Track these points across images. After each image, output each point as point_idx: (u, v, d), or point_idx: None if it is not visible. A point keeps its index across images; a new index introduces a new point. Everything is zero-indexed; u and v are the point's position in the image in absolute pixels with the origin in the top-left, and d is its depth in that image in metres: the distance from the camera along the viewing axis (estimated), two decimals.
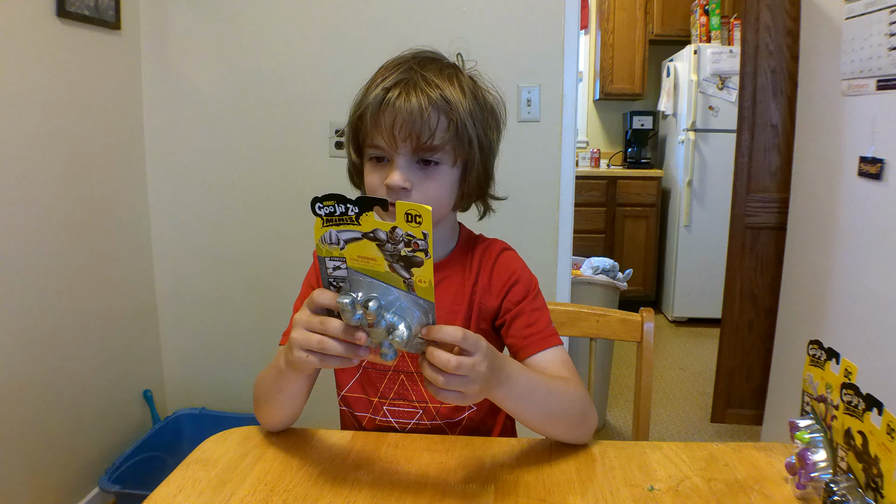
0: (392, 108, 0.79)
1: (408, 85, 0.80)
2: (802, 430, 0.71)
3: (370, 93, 0.81)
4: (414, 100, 0.79)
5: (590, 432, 0.83)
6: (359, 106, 0.83)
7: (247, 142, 2.04)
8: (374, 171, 0.83)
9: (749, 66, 2.27)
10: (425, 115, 0.79)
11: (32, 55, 1.56)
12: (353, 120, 0.85)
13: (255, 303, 2.12)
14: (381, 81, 0.81)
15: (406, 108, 0.78)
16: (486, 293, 0.91)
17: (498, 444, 0.83)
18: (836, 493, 0.63)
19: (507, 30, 1.92)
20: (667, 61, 3.99)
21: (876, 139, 1.58)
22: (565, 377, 0.85)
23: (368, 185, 0.84)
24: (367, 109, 0.80)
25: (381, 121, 0.79)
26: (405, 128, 0.79)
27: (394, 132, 0.79)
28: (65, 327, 1.71)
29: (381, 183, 0.81)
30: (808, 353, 0.76)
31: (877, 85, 1.56)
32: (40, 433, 1.63)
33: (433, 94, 0.80)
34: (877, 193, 1.57)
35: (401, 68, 0.82)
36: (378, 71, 0.85)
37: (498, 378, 0.70)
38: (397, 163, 0.81)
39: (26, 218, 1.58)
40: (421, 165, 0.82)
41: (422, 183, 0.82)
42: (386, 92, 0.79)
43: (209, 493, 0.72)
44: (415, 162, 0.81)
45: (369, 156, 0.84)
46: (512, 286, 0.91)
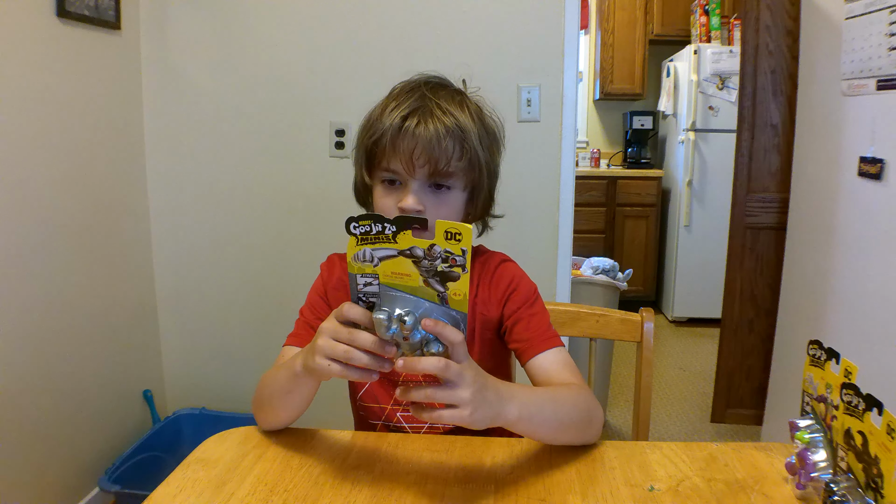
0: (411, 136, 0.81)
1: (424, 113, 0.83)
2: (802, 430, 0.71)
3: (385, 118, 0.84)
4: (432, 128, 0.82)
5: (598, 432, 0.83)
6: (372, 129, 0.85)
7: (247, 142, 2.04)
8: (387, 194, 0.86)
9: (749, 66, 2.27)
10: (443, 143, 0.82)
11: (32, 55, 1.56)
12: (366, 142, 0.86)
13: (255, 303, 2.12)
14: (395, 107, 0.84)
15: (425, 136, 0.81)
16: (486, 304, 0.94)
17: (498, 444, 0.83)
18: (836, 493, 0.63)
19: (507, 30, 1.92)
20: (667, 61, 3.99)
21: (876, 139, 1.58)
22: (568, 382, 0.85)
23: (381, 207, 0.86)
24: (385, 135, 0.83)
25: (400, 147, 0.82)
26: (423, 155, 0.82)
27: (412, 159, 0.82)
28: (65, 327, 1.71)
29: (393, 205, 0.84)
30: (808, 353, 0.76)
31: (877, 85, 1.56)
32: (40, 433, 1.63)
33: (448, 122, 0.83)
34: (877, 193, 1.57)
35: (414, 94, 0.85)
36: (390, 95, 0.88)
37: (500, 398, 0.70)
38: (412, 187, 0.83)
39: (26, 218, 1.58)
40: (433, 189, 0.85)
41: (434, 206, 0.84)
42: (404, 119, 0.82)
43: (209, 493, 0.72)
44: (427, 186, 0.84)
45: (382, 178, 0.86)
46: (510, 294, 0.94)
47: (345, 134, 2.00)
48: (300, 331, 0.95)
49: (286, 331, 0.97)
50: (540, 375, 0.89)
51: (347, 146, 2.00)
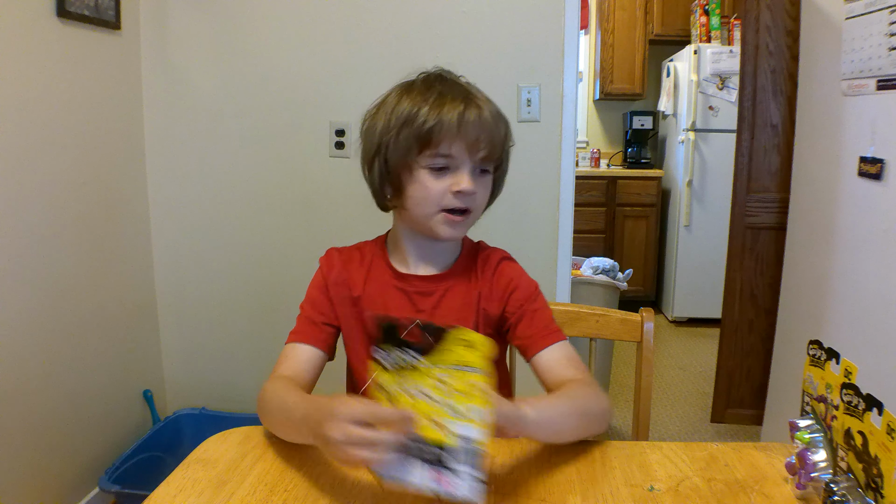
0: (475, 122, 0.86)
1: (472, 99, 0.87)
2: (802, 430, 0.71)
3: (432, 106, 0.86)
4: (487, 113, 0.87)
5: (608, 420, 0.87)
6: (421, 118, 0.86)
7: (247, 142, 2.04)
8: (436, 179, 0.88)
9: (749, 66, 2.27)
10: (499, 127, 0.89)
11: (32, 55, 1.56)
12: (416, 131, 0.86)
13: (255, 302, 2.12)
14: (437, 96, 0.87)
15: (487, 122, 0.87)
16: (488, 301, 0.96)
17: (498, 444, 0.83)
18: (836, 493, 0.63)
19: (507, 30, 1.92)
20: (667, 61, 3.99)
21: (876, 139, 1.58)
22: (575, 378, 0.87)
23: (429, 194, 0.88)
24: (443, 121, 0.85)
25: (463, 132, 0.85)
26: (485, 139, 0.87)
27: (475, 143, 0.86)
28: (65, 327, 1.71)
29: (445, 189, 0.87)
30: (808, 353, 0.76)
31: (877, 85, 1.56)
32: (40, 433, 1.63)
33: (494, 108, 0.89)
34: (877, 193, 1.57)
35: (445, 84, 0.89)
36: (408, 92, 0.90)
37: (524, 422, 0.72)
38: (466, 170, 0.87)
39: (26, 218, 1.58)
40: (480, 174, 0.90)
41: (479, 189, 0.89)
42: (463, 105, 0.86)
43: (209, 493, 0.72)
44: (475, 168, 0.89)
45: (434, 165, 0.87)
46: (511, 293, 0.96)
47: (345, 134, 2.00)
48: (303, 327, 0.96)
49: (286, 330, 0.97)
50: (545, 371, 0.90)
51: (347, 146, 2.00)
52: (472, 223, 0.93)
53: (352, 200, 2.03)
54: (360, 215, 2.07)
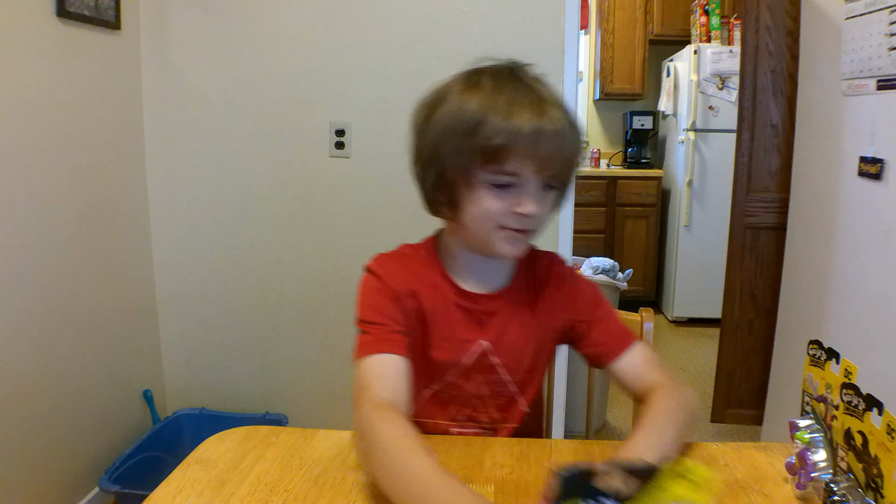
0: (548, 137, 0.76)
1: (545, 108, 0.77)
2: (802, 430, 0.71)
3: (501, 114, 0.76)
4: (562, 125, 0.77)
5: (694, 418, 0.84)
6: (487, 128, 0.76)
7: (247, 142, 2.04)
8: (496, 198, 0.79)
9: (749, 66, 2.27)
10: (572, 143, 0.79)
11: (32, 55, 1.56)
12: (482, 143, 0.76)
13: (255, 302, 2.12)
14: (507, 102, 0.77)
15: (562, 138, 0.77)
16: (552, 313, 0.92)
17: (498, 444, 0.83)
18: (836, 493, 0.63)
19: (507, 30, 1.92)
20: (667, 61, 3.99)
21: (876, 139, 1.58)
22: (662, 384, 0.85)
23: (488, 212, 0.80)
24: (514, 136, 0.75)
25: (534, 149, 0.76)
26: (559, 157, 0.78)
27: (546, 161, 0.77)
28: (65, 327, 1.71)
29: (507, 209, 0.79)
30: (808, 353, 0.76)
31: (877, 85, 1.56)
32: (40, 433, 1.63)
33: (569, 118, 0.79)
34: (877, 193, 1.57)
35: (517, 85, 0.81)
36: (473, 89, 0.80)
37: None
38: (531, 189, 0.79)
39: (26, 218, 1.58)
40: (545, 190, 0.81)
41: (541, 206, 0.81)
42: (534, 117, 0.76)
43: (209, 493, 0.72)
44: (540, 186, 0.80)
45: (496, 182, 0.79)
46: (573, 300, 0.92)
47: (345, 134, 2.00)
48: (380, 337, 0.82)
49: (286, 330, 0.97)
50: (629, 378, 0.89)
51: (347, 146, 2.00)
52: (533, 238, 0.85)
53: (352, 200, 2.04)
54: (360, 215, 2.07)
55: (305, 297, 2.09)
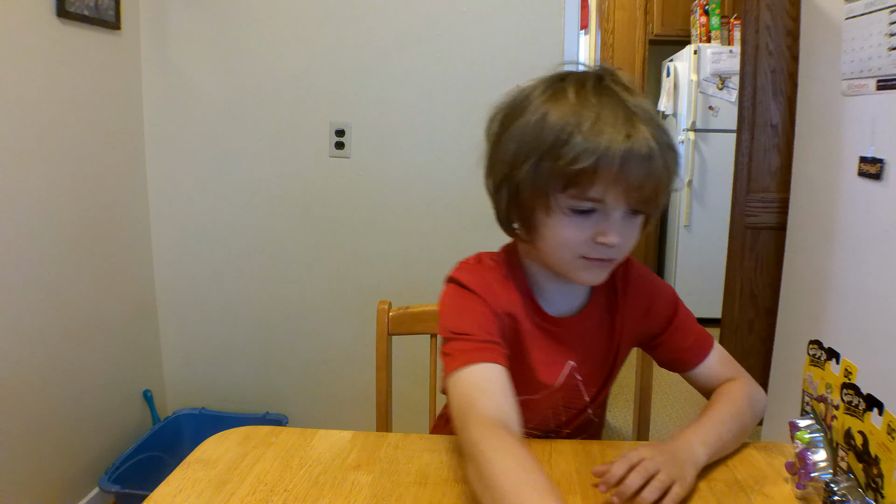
0: (640, 162, 0.68)
1: (636, 128, 0.68)
2: (802, 430, 0.71)
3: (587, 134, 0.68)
4: (656, 146, 0.69)
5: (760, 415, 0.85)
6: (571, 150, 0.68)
7: (247, 142, 2.04)
8: (576, 225, 0.72)
9: (749, 66, 2.27)
10: (670, 164, 0.71)
11: (32, 55, 1.56)
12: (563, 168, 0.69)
13: (255, 302, 2.12)
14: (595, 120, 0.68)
15: (654, 162, 0.69)
16: (631, 321, 0.89)
17: None
18: (836, 493, 0.63)
19: (507, 30, 1.92)
20: (667, 61, 3.99)
21: (876, 139, 1.58)
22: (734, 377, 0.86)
23: (567, 241, 0.73)
24: (601, 159, 0.67)
25: (623, 177, 0.68)
26: (650, 183, 0.70)
27: (638, 189, 0.70)
28: (65, 327, 1.71)
29: (587, 238, 0.73)
30: (808, 353, 0.76)
31: (877, 85, 1.56)
32: (40, 433, 1.63)
33: (664, 139, 0.71)
34: (877, 193, 1.57)
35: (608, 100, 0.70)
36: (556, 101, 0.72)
37: (689, 452, 0.72)
38: (616, 217, 0.72)
39: (26, 218, 1.58)
40: (630, 216, 0.74)
41: (627, 234, 0.74)
42: (624, 139, 0.67)
43: (209, 493, 0.72)
44: (625, 212, 0.73)
45: (578, 208, 0.72)
46: (651, 305, 0.89)
47: (345, 134, 2.00)
48: (486, 346, 0.75)
49: (286, 330, 0.97)
50: (705, 383, 0.89)
51: (347, 146, 2.00)
52: (616, 265, 0.79)
53: (352, 200, 2.04)
54: (359, 215, 2.07)
55: (305, 297, 2.09)
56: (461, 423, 0.69)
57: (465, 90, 1.93)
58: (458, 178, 1.97)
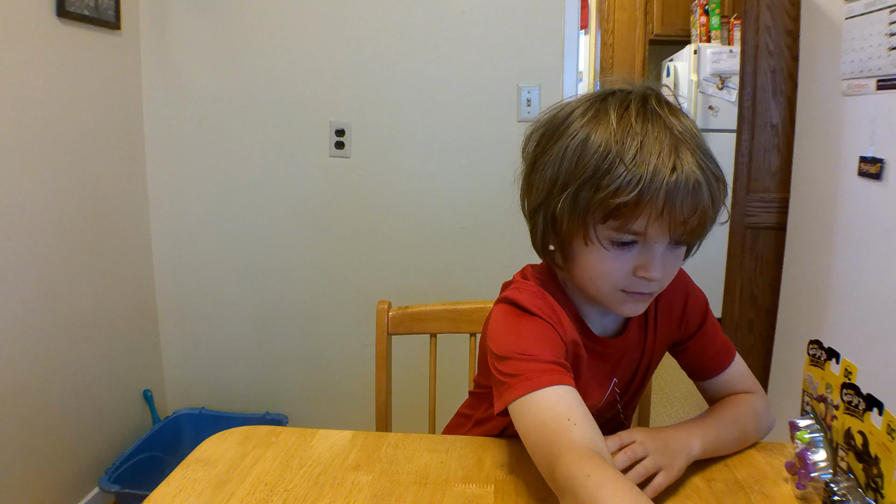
0: (685, 194, 0.64)
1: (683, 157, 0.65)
2: (802, 430, 0.71)
3: (631, 162, 0.64)
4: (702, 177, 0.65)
5: (765, 433, 0.84)
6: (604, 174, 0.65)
7: (247, 142, 2.04)
8: (617, 259, 0.69)
9: (749, 66, 2.27)
10: (718, 195, 0.67)
11: (32, 55, 1.56)
12: (605, 200, 0.65)
13: (255, 302, 2.12)
14: (639, 148, 0.64)
15: (701, 194, 0.65)
16: (662, 332, 0.87)
17: (498, 444, 0.83)
18: (836, 493, 0.63)
19: (507, 30, 1.92)
20: (667, 61, 3.99)
21: (876, 139, 1.58)
22: (746, 390, 0.86)
23: (606, 274, 0.70)
24: (643, 192, 0.63)
25: (667, 210, 0.64)
26: (696, 217, 0.66)
27: (683, 222, 0.66)
28: (65, 327, 1.71)
29: (627, 271, 0.69)
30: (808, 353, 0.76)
31: (877, 85, 1.56)
32: (40, 433, 1.63)
33: (710, 164, 0.67)
34: (877, 193, 1.57)
35: (654, 125, 0.66)
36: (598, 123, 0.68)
37: (685, 442, 0.73)
38: (658, 250, 0.68)
39: (26, 218, 1.57)
40: (672, 247, 0.70)
41: (668, 267, 0.71)
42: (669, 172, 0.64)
43: (209, 493, 0.72)
44: (666, 246, 0.70)
45: (618, 240, 0.68)
46: (683, 314, 0.88)
47: (345, 134, 2.00)
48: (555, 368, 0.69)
49: (286, 330, 0.97)
50: (718, 394, 0.88)
51: (347, 146, 2.00)
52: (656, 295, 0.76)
53: (352, 200, 2.04)
54: (359, 215, 2.07)
55: (305, 297, 2.09)
56: (548, 453, 0.63)
57: (465, 90, 1.93)
58: (459, 177, 1.98)
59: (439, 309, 1.14)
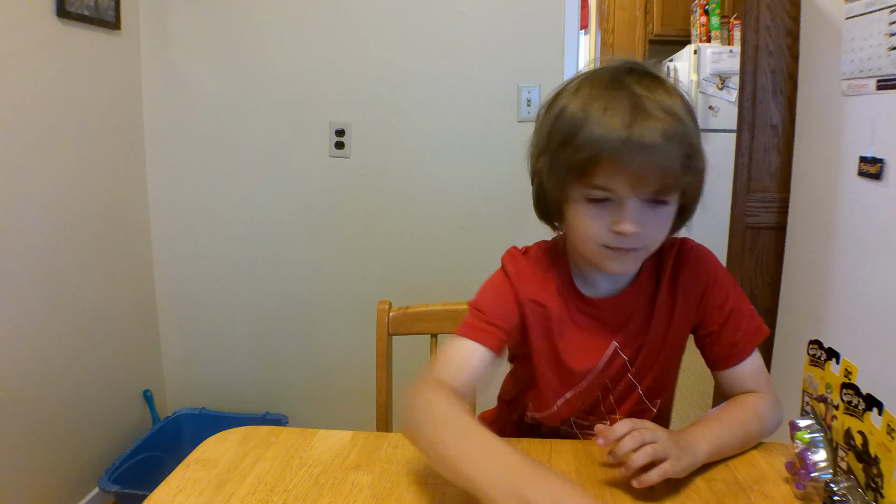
0: (638, 149, 0.69)
1: (644, 116, 0.70)
2: (802, 430, 0.71)
3: (596, 124, 0.70)
4: (657, 136, 0.69)
5: (769, 435, 0.85)
6: (579, 140, 0.71)
7: (247, 142, 2.04)
8: (594, 216, 0.75)
9: (749, 66, 2.27)
10: (671, 154, 0.71)
11: (32, 55, 1.56)
12: (572, 158, 0.73)
13: (255, 302, 2.12)
14: (604, 109, 0.71)
15: (652, 149, 0.69)
16: (678, 306, 0.86)
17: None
18: (836, 493, 0.63)
19: (507, 30, 1.92)
20: (667, 61, 3.99)
21: (876, 139, 1.58)
22: (756, 390, 0.86)
23: (587, 231, 0.76)
24: (602, 149, 0.70)
25: (623, 162, 0.70)
26: (651, 172, 0.71)
27: (638, 176, 0.71)
28: (65, 327, 1.71)
29: (605, 228, 0.75)
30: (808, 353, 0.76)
31: (877, 85, 1.56)
32: (40, 433, 1.63)
33: (671, 125, 0.71)
34: (877, 193, 1.57)
35: (621, 90, 0.72)
36: (581, 91, 0.75)
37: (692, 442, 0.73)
38: (630, 207, 0.73)
39: (26, 218, 1.58)
40: (650, 205, 0.75)
41: (649, 224, 0.75)
42: (625, 127, 0.69)
43: (209, 493, 0.72)
44: (644, 202, 0.74)
45: (590, 196, 0.74)
46: (708, 291, 0.86)
47: (345, 134, 2.00)
48: (477, 324, 0.82)
49: (286, 330, 0.97)
50: (730, 389, 0.88)
51: (347, 146, 2.00)
52: (647, 254, 0.80)
53: (352, 200, 2.04)
54: (359, 215, 2.07)
55: (305, 297, 2.09)
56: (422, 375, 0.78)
57: (465, 90, 1.93)
58: (459, 177, 1.97)
59: (439, 309, 1.14)
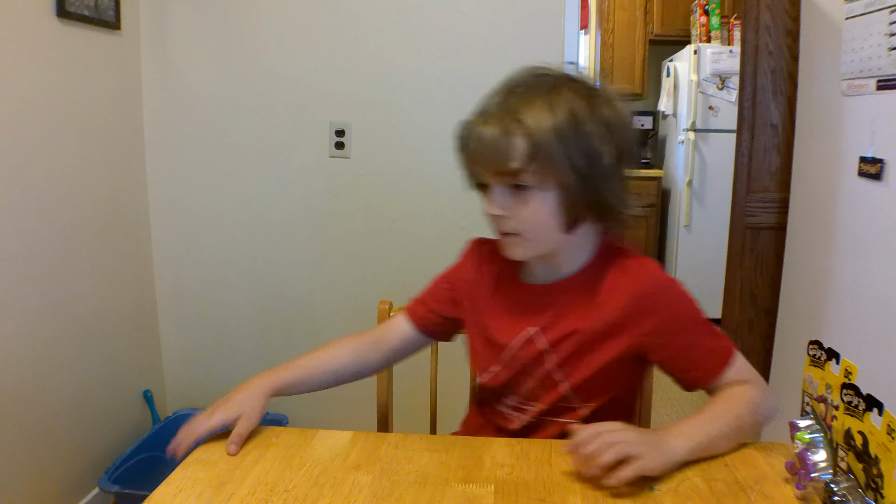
0: (475, 138, 0.83)
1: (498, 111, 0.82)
2: (802, 430, 0.71)
3: (467, 122, 0.85)
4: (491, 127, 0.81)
5: (768, 421, 0.85)
6: (457, 135, 0.88)
7: (247, 142, 2.04)
8: (485, 202, 0.86)
9: (749, 66, 2.27)
10: (506, 141, 0.80)
11: (32, 55, 1.56)
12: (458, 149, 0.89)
13: (255, 303, 2.12)
14: (477, 109, 0.85)
15: (485, 135, 0.81)
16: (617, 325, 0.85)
17: (498, 444, 0.83)
18: (836, 494, 0.63)
19: (507, 30, 1.92)
20: (667, 61, 3.99)
21: (876, 139, 1.58)
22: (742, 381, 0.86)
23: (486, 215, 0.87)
24: (462, 140, 0.86)
25: (471, 150, 0.84)
26: (484, 155, 0.82)
27: (478, 160, 0.84)
28: (65, 327, 1.71)
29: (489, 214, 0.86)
30: (808, 353, 0.77)
31: (877, 85, 1.56)
32: (40, 433, 1.63)
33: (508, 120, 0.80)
34: (877, 193, 1.57)
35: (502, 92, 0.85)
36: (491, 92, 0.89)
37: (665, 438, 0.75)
38: (493, 191, 0.84)
39: (26, 218, 1.58)
40: (515, 191, 0.83)
41: (517, 209, 0.83)
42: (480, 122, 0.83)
43: (209, 493, 0.72)
44: (508, 189, 0.83)
45: (474, 182, 0.88)
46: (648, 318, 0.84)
47: (345, 134, 2.00)
48: (416, 303, 1.04)
49: (286, 330, 0.99)
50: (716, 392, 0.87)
51: (347, 146, 2.00)
52: (535, 244, 0.86)
53: (352, 201, 2.03)
54: (359, 215, 2.07)
55: (305, 297, 2.09)
56: None
57: (465, 90, 1.92)
58: (458, 177, 1.96)
59: None
